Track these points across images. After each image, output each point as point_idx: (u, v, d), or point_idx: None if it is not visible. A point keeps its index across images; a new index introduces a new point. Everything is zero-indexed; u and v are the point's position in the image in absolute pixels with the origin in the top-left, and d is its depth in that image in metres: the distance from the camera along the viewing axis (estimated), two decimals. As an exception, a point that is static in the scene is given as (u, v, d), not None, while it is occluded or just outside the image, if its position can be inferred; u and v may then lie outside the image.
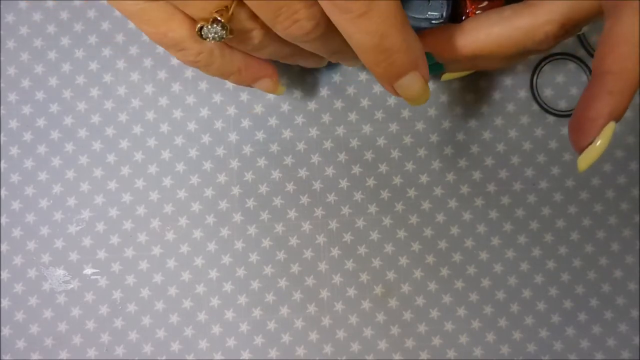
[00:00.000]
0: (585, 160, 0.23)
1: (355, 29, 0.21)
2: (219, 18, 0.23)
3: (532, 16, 0.24)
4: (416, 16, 0.27)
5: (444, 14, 0.27)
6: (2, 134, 0.34)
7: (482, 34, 0.25)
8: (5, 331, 0.34)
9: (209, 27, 0.23)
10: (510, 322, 0.34)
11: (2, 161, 0.34)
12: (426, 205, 0.34)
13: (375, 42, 0.22)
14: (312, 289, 0.34)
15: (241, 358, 0.34)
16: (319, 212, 0.34)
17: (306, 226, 0.34)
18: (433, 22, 0.27)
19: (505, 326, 0.34)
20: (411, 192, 0.34)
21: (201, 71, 0.27)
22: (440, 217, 0.34)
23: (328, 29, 0.23)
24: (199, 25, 0.23)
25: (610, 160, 0.34)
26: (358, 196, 0.34)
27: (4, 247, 0.34)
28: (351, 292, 0.34)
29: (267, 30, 0.24)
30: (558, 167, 0.34)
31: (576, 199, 0.34)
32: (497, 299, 0.34)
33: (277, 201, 0.34)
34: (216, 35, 0.23)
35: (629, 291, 0.34)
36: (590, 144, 0.23)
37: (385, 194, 0.34)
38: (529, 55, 0.26)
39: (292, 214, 0.34)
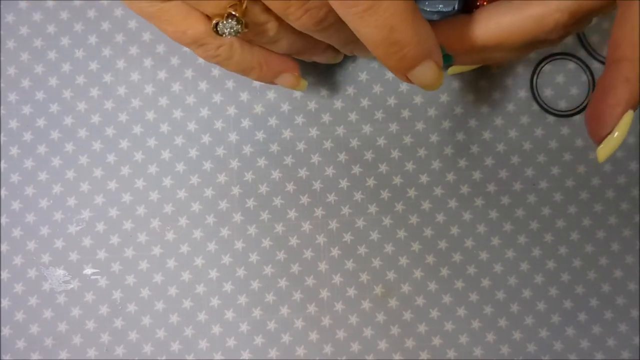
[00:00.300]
0: (605, 151, 0.23)
1: (363, 23, 0.21)
2: (233, 13, 0.23)
3: (542, 5, 0.24)
4: (428, 9, 0.27)
5: (456, 7, 0.27)
6: (2, 134, 0.34)
7: (492, 24, 0.25)
8: (5, 331, 0.34)
9: (224, 22, 0.23)
10: (510, 322, 0.34)
11: (2, 161, 0.34)
12: (426, 205, 0.34)
13: (384, 36, 0.21)
14: (312, 289, 0.34)
15: (241, 358, 0.34)
16: (319, 212, 0.34)
17: (306, 226, 0.34)
18: (445, 15, 0.27)
19: (505, 326, 0.34)
20: (411, 192, 0.34)
21: (222, 67, 0.27)
22: (440, 217, 0.34)
23: (339, 17, 0.23)
24: (214, 22, 0.24)
25: (610, 160, 0.34)
26: (358, 196, 0.34)
27: (4, 247, 0.34)
28: (351, 292, 0.34)
29: (281, 22, 0.25)
30: (558, 167, 0.34)
31: (576, 199, 0.34)
32: (497, 299, 0.34)
33: (277, 201, 0.34)
34: (232, 30, 0.24)
35: (629, 291, 0.34)
36: (609, 134, 0.22)
37: (385, 194, 0.34)
38: (538, 46, 0.26)
39: (292, 214, 0.34)
